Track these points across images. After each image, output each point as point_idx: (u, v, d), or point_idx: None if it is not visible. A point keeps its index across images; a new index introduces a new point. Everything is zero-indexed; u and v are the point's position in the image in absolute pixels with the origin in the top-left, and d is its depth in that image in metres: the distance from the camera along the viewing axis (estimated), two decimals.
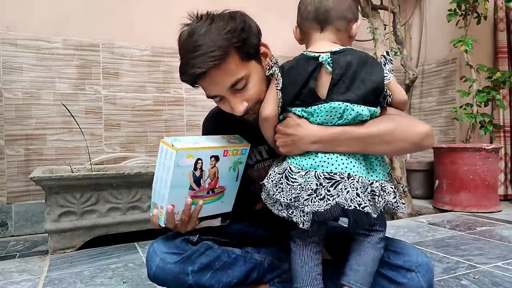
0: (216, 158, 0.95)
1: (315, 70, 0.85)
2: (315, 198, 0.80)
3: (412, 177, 2.92)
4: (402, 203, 0.86)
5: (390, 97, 0.91)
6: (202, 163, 0.92)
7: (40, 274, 1.41)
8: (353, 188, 0.79)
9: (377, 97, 0.87)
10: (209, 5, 3.01)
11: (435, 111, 3.18)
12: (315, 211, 0.80)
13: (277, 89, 0.90)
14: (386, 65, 0.90)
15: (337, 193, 0.79)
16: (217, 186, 0.99)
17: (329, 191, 0.80)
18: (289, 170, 0.85)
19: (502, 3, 2.72)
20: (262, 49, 1.00)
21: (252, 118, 0.96)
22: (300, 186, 0.82)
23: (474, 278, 1.28)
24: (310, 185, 0.81)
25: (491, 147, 2.39)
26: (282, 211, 0.85)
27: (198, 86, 0.95)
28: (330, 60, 0.84)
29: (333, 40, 0.90)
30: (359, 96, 0.83)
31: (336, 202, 0.79)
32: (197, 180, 0.94)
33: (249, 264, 1.07)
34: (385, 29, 2.65)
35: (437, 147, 2.58)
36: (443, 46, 3.06)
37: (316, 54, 0.86)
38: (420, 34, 3.28)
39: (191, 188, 0.93)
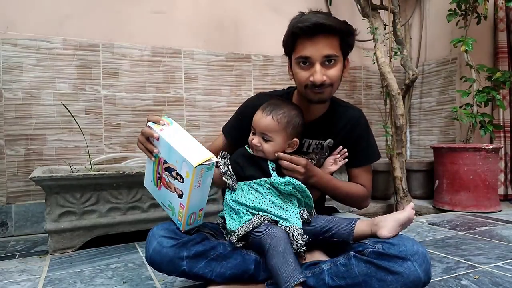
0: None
1: None
2: None
3: (412, 177, 2.92)
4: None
5: None
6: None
7: (40, 274, 1.41)
8: None
9: None
10: (209, 5, 3.01)
11: (435, 111, 3.18)
12: None
13: None
14: None
15: None
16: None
17: None
18: None
19: (502, 3, 2.72)
20: (347, 63, 1.22)
21: (318, 97, 1.16)
22: None
23: (474, 278, 1.28)
24: None
25: (491, 147, 2.39)
26: None
27: (295, 45, 1.14)
28: None
29: None
30: None
31: None
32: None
33: (245, 260, 1.08)
34: (385, 29, 2.65)
35: (437, 147, 2.59)
36: (443, 46, 3.06)
37: None
38: (420, 34, 3.28)
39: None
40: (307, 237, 1.05)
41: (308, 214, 1.14)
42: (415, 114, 3.37)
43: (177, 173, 0.99)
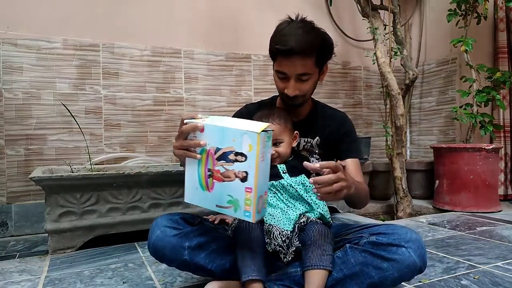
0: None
1: None
2: None
3: (412, 177, 2.92)
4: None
5: None
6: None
7: (40, 274, 1.41)
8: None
9: None
10: (209, 5, 3.01)
11: (435, 111, 3.18)
12: None
13: None
14: None
15: None
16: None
17: None
18: None
19: (502, 3, 2.72)
20: (325, 69, 1.28)
21: (291, 103, 1.24)
22: None
23: (474, 278, 1.28)
24: None
25: (491, 147, 2.39)
26: None
27: (275, 59, 1.21)
28: None
29: None
30: None
31: None
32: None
33: None
34: (385, 29, 2.65)
35: (437, 147, 2.59)
36: (443, 46, 3.06)
37: None
38: (420, 34, 3.28)
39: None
40: (298, 243, 1.04)
41: (304, 225, 1.08)
42: (415, 114, 3.37)
43: (236, 153, 0.92)
